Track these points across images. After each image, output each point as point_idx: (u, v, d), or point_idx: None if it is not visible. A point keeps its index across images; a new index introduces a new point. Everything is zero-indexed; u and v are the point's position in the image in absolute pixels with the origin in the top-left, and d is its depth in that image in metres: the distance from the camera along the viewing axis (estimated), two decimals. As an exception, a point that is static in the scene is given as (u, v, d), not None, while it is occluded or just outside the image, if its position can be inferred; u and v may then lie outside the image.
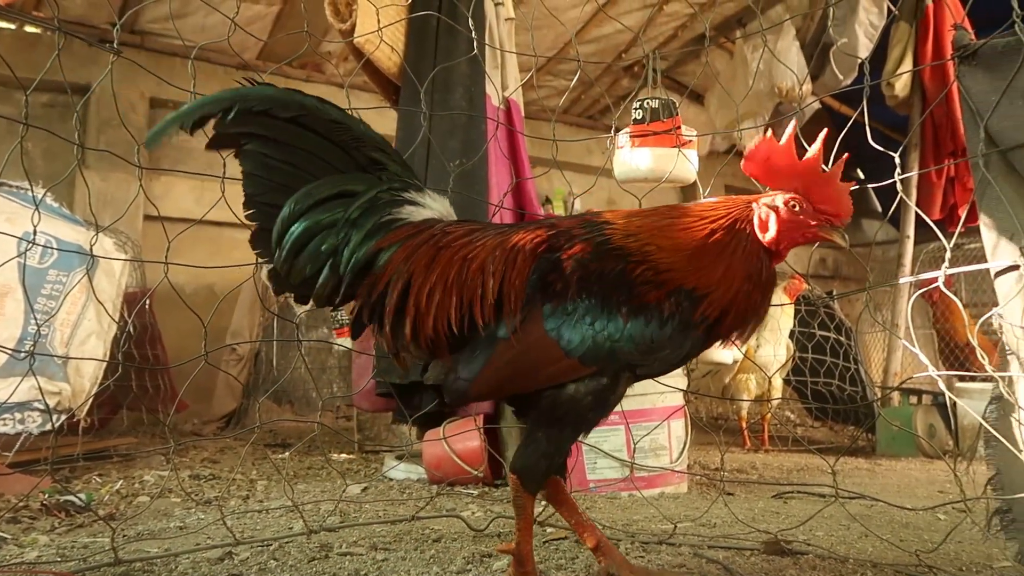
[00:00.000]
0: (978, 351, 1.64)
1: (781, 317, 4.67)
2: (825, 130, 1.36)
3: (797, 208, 1.33)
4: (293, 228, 1.40)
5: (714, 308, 1.33)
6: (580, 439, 1.45)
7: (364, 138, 1.47)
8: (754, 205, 1.37)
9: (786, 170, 1.34)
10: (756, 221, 1.36)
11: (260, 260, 1.45)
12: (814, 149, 1.34)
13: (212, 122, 1.39)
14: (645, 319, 1.32)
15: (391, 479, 3.09)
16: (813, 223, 1.33)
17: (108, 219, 2.22)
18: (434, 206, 1.50)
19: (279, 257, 1.41)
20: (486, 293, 1.36)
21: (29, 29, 5.37)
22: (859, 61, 5.01)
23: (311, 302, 1.45)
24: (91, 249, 1.83)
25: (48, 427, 2.92)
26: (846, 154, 1.42)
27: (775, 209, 1.34)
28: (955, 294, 4.91)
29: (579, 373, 1.34)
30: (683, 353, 1.38)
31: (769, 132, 1.38)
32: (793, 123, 1.39)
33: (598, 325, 1.32)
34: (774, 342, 4.62)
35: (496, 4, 3.37)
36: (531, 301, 1.35)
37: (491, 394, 1.41)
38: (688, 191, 7.54)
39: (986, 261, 1.64)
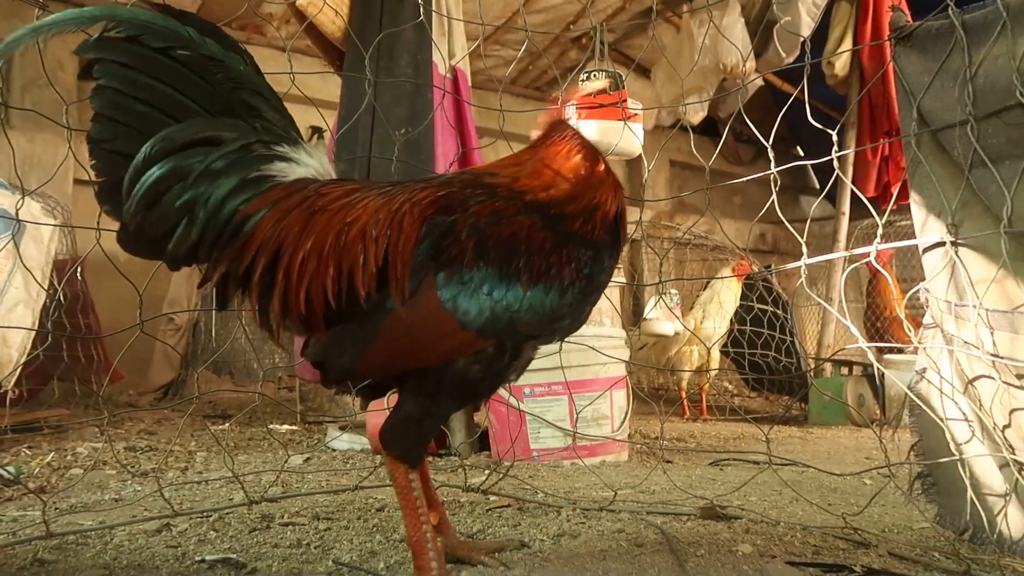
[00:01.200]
0: (905, 324, 1.71)
1: (724, 293, 4.78)
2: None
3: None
4: (147, 176, 1.21)
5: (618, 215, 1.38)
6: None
7: (243, 80, 1.30)
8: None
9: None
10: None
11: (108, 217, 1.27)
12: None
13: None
14: (545, 287, 1.26)
15: (334, 449, 3.07)
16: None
17: (35, 182, 2.12)
18: (310, 163, 1.36)
19: (129, 209, 1.22)
20: (368, 260, 1.25)
21: (-54, -21, 5.06)
22: (801, 39, 5.11)
23: (169, 264, 1.29)
24: (17, 214, 1.75)
25: (-27, 398, 2.80)
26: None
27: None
28: (887, 270, 5.10)
29: (476, 347, 1.26)
30: (584, 315, 1.36)
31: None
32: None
33: (496, 294, 1.24)
34: (716, 315, 4.73)
35: (443, -30, 3.31)
36: (422, 268, 1.25)
37: (381, 371, 1.30)
38: (633, 164, 7.61)
39: (915, 238, 1.70)
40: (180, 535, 1.66)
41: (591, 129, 2.99)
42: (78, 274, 3.87)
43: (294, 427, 3.81)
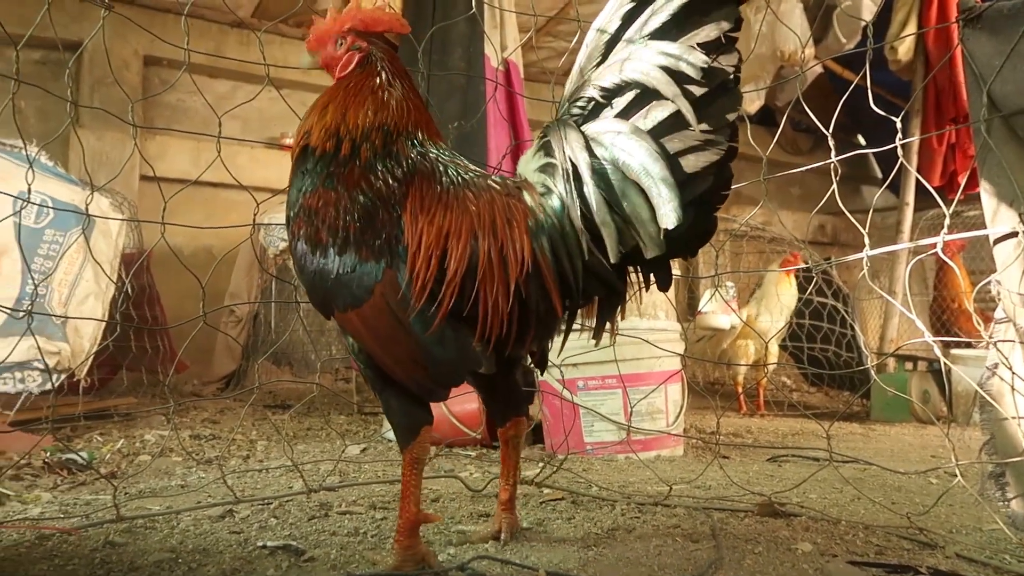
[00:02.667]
0: (975, 318, 1.65)
1: (781, 287, 4.68)
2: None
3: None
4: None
5: None
6: None
7: None
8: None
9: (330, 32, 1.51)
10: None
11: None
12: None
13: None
14: None
15: (390, 440, 3.11)
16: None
17: (103, 179, 2.19)
18: None
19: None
20: None
21: (20, -16, 5.27)
22: (863, 24, 4.95)
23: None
24: (87, 209, 1.82)
25: (48, 386, 2.93)
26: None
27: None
28: (955, 261, 4.92)
29: None
30: None
31: None
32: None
33: None
34: (773, 310, 4.64)
35: (496, -38, 3.31)
36: None
37: None
38: (688, 155, 7.48)
39: (985, 228, 1.64)
40: (242, 521, 1.70)
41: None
42: (145, 267, 4.00)
43: (351, 417, 3.87)
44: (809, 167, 2.20)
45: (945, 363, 3.45)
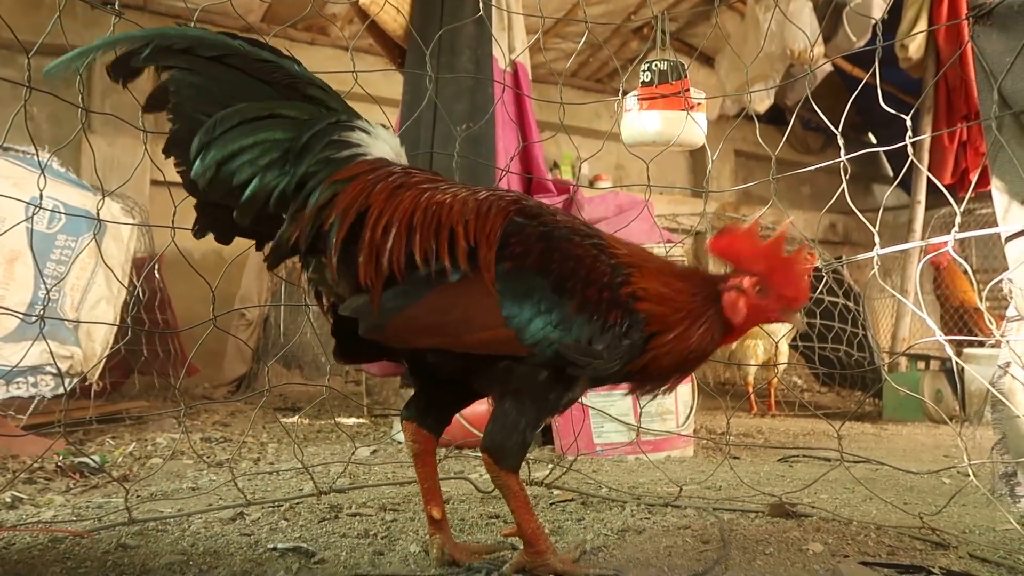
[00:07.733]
0: (986, 316, 1.64)
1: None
2: (788, 221, 1.36)
3: (760, 292, 1.32)
4: (228, 132, 1.28)
5: (656, 356, 1.32)
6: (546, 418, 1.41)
7: (301, 77, 1.37)
8: (722, 286, 1.34)
9: (750, 254, 1.33)
10: (725, 302, 1.33)
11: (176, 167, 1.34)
12: (776, 236, 1.32)
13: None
14: (590, 318, 1.27)
15: (400, 442, 3.12)
16: (775, 307, 1.33)
17: (115, 183, 2.20)
18: (392, 143, 1.40)
19: (202, 161, 1.29)
20: (457, 237, 1.27)
21: (31, -9, 5.31)
22: (873, 22, 4.93)
23: (236, 216, 1.33)
24: (98, 214, 1.83)
25: (60, 391, 2.95)
26: (806, 244, 1.44)
27: (743, 294, 1.32)
28: (966, 260, 4.90)
29: (513, 349, 1.27)
30: (613, 370, 1.32)
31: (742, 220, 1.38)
32: (757, 216, 1.37)
33: (544, 306, 1.26)
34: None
35: (503, -36, 3.31)
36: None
37: (409, 337, 1.31)
38: (697, 155, 7.48)
39: (997, 226, 1.63)
40: (253, 523, 1.71)
41: (654, 120, 2.95)
42: (156, 271, 4.03)
43: (361, 420, 3.88)
44: (819, 166, 2.19)
45: (957, 362, 3.43)
